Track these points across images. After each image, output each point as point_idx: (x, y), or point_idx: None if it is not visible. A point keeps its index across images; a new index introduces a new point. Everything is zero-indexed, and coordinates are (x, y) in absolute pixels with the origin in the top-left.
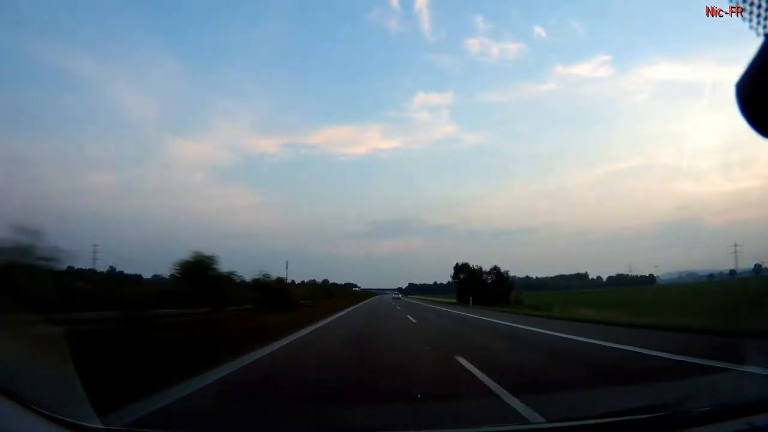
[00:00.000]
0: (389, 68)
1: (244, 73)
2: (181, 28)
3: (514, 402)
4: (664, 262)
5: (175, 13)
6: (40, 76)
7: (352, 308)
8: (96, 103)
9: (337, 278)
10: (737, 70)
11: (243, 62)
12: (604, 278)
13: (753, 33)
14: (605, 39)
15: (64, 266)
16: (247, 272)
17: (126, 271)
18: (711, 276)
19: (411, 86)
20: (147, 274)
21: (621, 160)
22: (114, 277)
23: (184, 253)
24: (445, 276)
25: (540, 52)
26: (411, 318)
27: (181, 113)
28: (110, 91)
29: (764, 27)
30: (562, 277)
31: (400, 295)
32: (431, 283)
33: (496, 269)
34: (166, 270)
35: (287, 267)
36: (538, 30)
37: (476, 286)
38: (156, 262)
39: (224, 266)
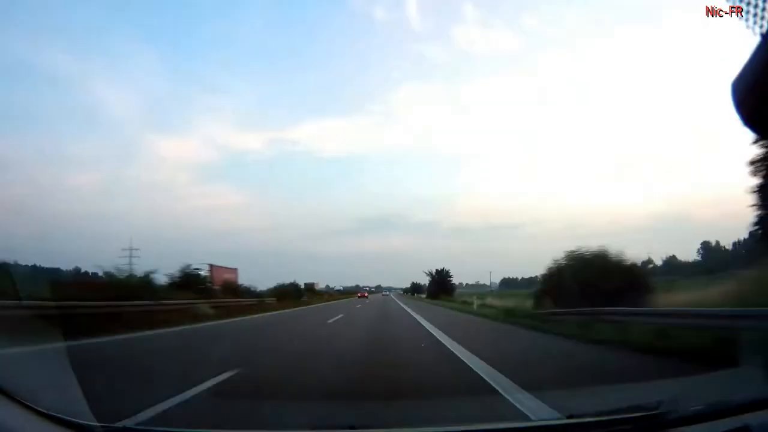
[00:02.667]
0: (375, 60)
1: (225, 66)
2: (159, 20)
3: None
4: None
5: (153, 4)
6: (7, 69)
7: None
8: (71, 99)
9: (318, 279)
10: (731, 64)
11: (223, 55)
12: None
13: (747, 29)
14: (599, 29)
15: None
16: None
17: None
18: None
19: (397, 78)
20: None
21: (612, 154)
22: None
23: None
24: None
25: (530, 42)
26: None
27: (161, 109)
28: (86, 86)
29: (761, 27)
30: None
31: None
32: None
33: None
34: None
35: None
36: (530, 20)
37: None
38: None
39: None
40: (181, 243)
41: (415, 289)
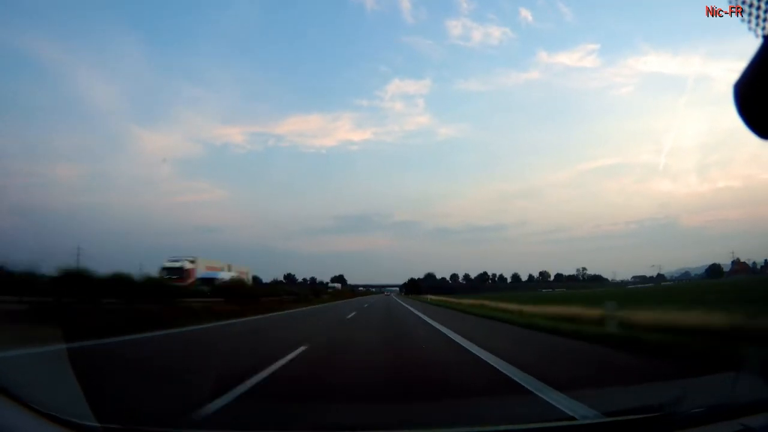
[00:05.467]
0: (363, 52)
1: (209, 57)
2: (145, 8)
3: None
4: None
5: None
6: None
7: None
8: (54, 89)
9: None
10: (726, 64)
11: (208, 46)
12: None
13: (749, 31)
14: (594, 25)
15: None
16: None
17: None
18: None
19: (386, 72)
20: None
21: (602, 157)
22: None
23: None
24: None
25: (525, 38)
26: None
27: (145, 101)
28: (69, 77)
29: (763, 29)
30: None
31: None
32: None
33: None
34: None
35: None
36: (525, 13)
37: None
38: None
39: None
40: (161, 238)
41: (411, 287)
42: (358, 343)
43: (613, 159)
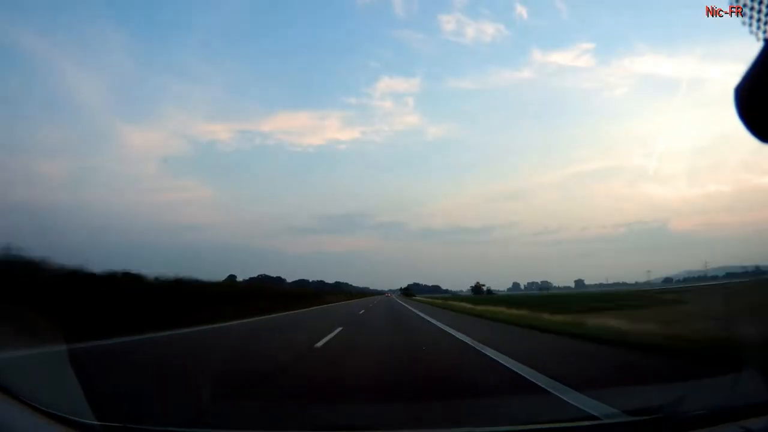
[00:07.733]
0: (353, 47)
1: (196, 53)
2: (130, 5)
3: None
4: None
5: None
6: None
7: None
8: (35, 83)
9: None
10: (722, 67)
11: (195, 41)
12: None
13: (749, 34)
14: (589, 24)
15: None
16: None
17: None
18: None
19: (375, 68)
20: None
21: (593, 159)
22: None
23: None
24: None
25: (519, 36)
26: None
27: (130, 97)
28: (51, 71)
29: (764, 32)
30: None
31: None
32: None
33: None
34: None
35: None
36: (520, 9)
37: None
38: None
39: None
40: (142, 236)
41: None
42: None
43: (605, 161)
